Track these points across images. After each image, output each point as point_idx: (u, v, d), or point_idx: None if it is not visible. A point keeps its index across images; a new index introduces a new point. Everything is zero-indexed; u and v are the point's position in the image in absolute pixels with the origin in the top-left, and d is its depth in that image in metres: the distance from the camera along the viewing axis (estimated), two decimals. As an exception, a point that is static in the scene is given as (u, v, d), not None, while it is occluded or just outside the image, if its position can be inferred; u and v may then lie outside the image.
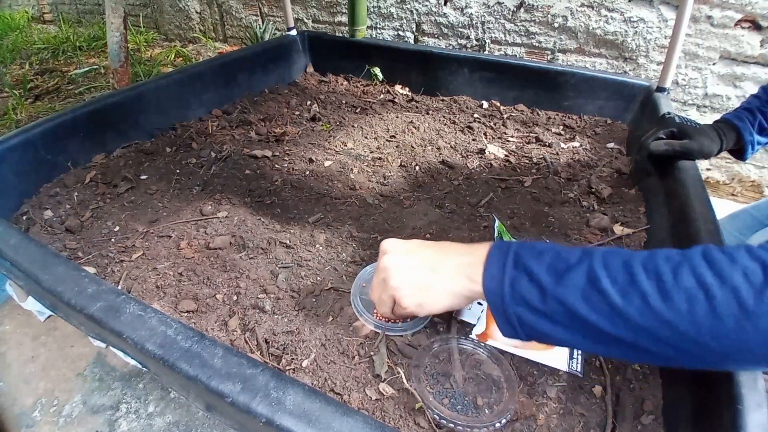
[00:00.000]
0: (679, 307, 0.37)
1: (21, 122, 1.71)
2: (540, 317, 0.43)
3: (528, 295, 0.43)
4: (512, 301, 0.44)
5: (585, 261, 0.42)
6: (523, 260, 0.45)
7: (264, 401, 0.42)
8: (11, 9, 3.65)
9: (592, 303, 0.40)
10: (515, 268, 0.45)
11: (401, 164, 1.08)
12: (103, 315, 0.52)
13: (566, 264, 0.43)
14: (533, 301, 0.43)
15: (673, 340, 0.38)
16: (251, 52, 1.45)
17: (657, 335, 0.38)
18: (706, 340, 0.36)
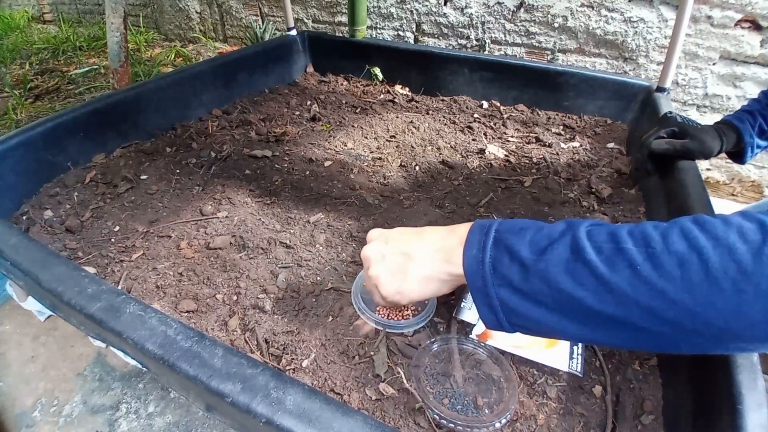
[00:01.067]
0: (670, 272, 0.34)
1: (21, 122, 1.71)
2: (523, 298, 0.40)
3: (509, 274, 0.40)
4: (494, 282, 0.41)
5: (568, 233, 0.39)
6: (504, 237, 0.42)
7: (264, 401, 0.42)
8: (11, 9, 3.65)
9: (576, 276, 0.37)
10: (496, 247, 0.42)
11: (401, 164, 1.08)
12: (103, 315, 0.52)
13: (549, 238, 0.40)
14: (515, 280, 0.40)
15: (668, 313, 0.34)
16: (251, 52, 1.45)
17: (649, 308, 0.34)
18: (703, 309, 0.33)
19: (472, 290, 0.43)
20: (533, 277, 0.39)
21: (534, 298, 0.39)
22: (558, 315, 0.39)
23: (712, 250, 0.33)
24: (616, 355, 0.62)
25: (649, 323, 0.35)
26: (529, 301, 0.40)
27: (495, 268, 0.41)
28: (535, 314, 0.40)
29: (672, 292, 0.34)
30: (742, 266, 0.32)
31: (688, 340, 0.35)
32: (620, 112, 1.27)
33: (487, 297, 0.42)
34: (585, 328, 0.38)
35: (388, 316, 0.65)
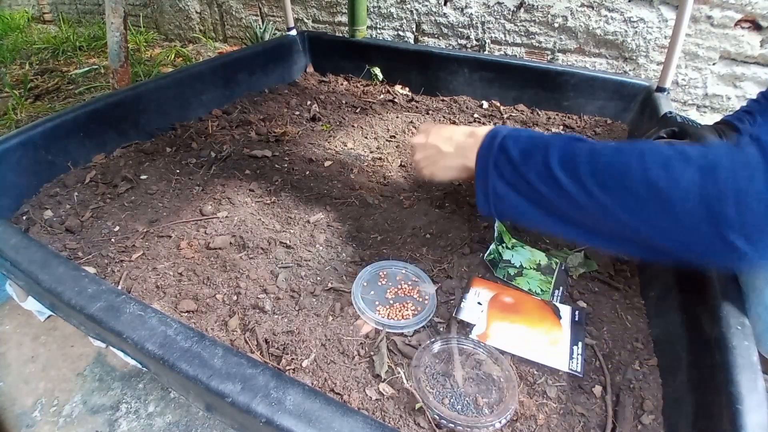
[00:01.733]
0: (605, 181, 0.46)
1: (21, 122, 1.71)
2: (509, 188, 0.54)
3: (503, 169, 0.55)
4: (493, 174, 0.56)
5: (548, 148, 0.52)
6: (506, 144, 0.56)
7: (264, 401, 0.42)
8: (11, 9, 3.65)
9: (544, 179, 0.51)
10: (500, 151, 0.56)
11: (401, 164, 1.08)
12: (103, 315, 0.52)
13: (534, 147, 0.53)
14: (506, 174, 0.54)
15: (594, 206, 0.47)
16: (251, 52, 1.45)
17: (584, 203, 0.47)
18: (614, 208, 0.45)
19: (477, 179, 0.59)
20: (517, 174, 0.53)
21: (515, 189, 0.54)
22: (527, 202, 0.54)
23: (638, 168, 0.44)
24: (616, 355, 0.62)
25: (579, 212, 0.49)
26: (513, 190, 0.54)
27: (496, 164, 0.56)
28: (514, 201, 0.54)
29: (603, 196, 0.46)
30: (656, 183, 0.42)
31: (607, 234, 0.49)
32: (620, 112, 1.27)
33: (485, 185, 0.57)
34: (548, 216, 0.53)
35: (388, 316, 0.65)
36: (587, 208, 0.48)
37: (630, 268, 0.77)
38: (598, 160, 0.47)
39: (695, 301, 0.58)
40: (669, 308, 0.64)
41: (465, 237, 0.82)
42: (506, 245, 0.81)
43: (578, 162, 0.48)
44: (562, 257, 0.79)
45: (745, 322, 0.52)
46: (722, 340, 0.49)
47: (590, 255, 0.79)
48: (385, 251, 0.79)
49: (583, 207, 0.48)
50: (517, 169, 0.53)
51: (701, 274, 0.59)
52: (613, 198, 0.46)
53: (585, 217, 0.50)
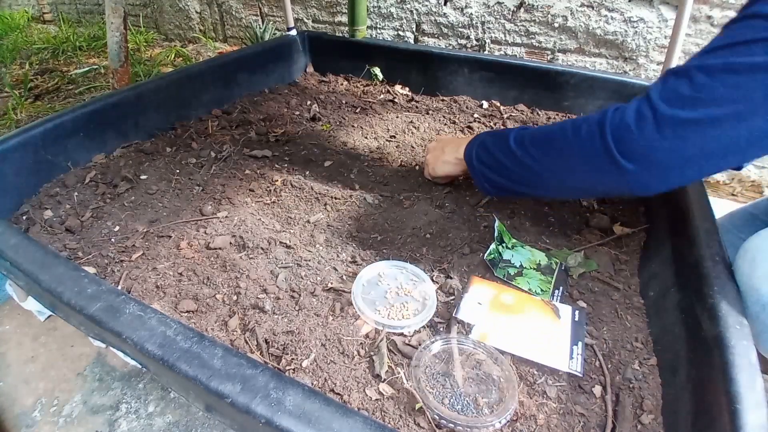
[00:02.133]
0: (540, 144, 0.67)
1: (21, 122, 1.71)
2: (487, 168, 0.76)
3: (483, 156, 0.77)
4: (477, 160, 0.78)
5: (508, 135, 0.72)
6: (484, 140, 0.78)
7: (264, 402, 0.42)
8: (11, 9, 3.65)
9: (504, 153, 0.72)
10: (481, 144, 0.78)
11: (401, 164, 1.08)
12: (102, 315, 0.52)
13: (500, 137, 0.74)
14: (484, 158, 0.76)
15: (536, 165, 0.67)
16: (251, 52, 1.45)
17: (529, 164, 0.68)
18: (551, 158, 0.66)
19: (469, 166, 0.81)
20: (490, 155, 0.75)
21: (491, 167, 0.75)
22: (499, 176, 0.74)
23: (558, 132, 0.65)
24: (615, 355, 0.62)
25: (529, 174, 0.69)
26: (490, 169, 0.75)
27: (478, 154, 0.78)
28: (494, 177, 0.75)
29: (537, 155, 0.67)
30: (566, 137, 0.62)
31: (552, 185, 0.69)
32: (620, 112, 1.27)
33: (474, 169, 0.79)
34: (510, 182, 0.72)
35: (388, 316, 0.65)
36: (533, 168, 0.67)
37: (629, 268, 0.77)
38: (536, 132, 0.68)
39: (694, 301, 0.58)
40: (668, 308, 0.64)
41: (465, 237, 0.82)
42: (506, 245, 0.81)
43: (524, 137, 0.69)
44: (562, 257, 0.79)
45: (744, 322, 0.52)
46: (721, 340, 0.49)
47: (590, 255, 0.79)
48: (385, 251, 0.79)
49: (530, 167, 0.67)
50: (490, 153, 0.75)
51: (700, 274, 0.60)
52: (546, 155, 0.65)
53: (536, 176, 0.68)
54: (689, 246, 0.66)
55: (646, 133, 0.52)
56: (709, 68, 0.50)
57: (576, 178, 0.63)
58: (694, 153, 0.51)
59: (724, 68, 0.48)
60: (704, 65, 0.50)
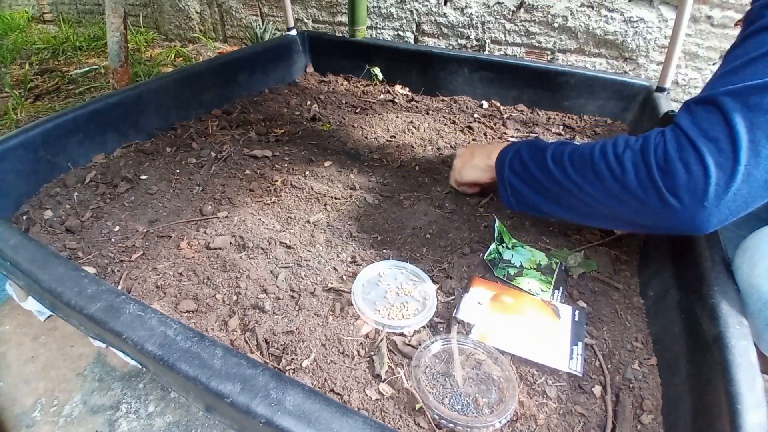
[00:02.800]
0: (579, 168, 0.62)
1: (21, 122, 1.71)
2: (519, 180, 0.71)
3: (516, 166, 0.72)
4: (508, 170, 0.73)
5: (546, 149, 0.68)
6: (520, 149, 0.73)
7: (264, 402, 0.42)
8: (11, 9, 3.65)
9: (543, 170, 0.67)
10: (515, 152, 0.73)
11: (401, 164, 1.08)
12: (102, 315, 0.52)
13: (537, 149, 0.69)
14: (517, 169, 0.72)
15: (574, 189, 0.62)
16: (251, 52, 1.45)
17: (567, 187, 0.63)
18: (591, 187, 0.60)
19: (498, 175, 0.77)
20: (525, 169, 0.70)
21: (523, 180, 0.71)
22: (532, 191, 0.70)
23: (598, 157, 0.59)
24: (615, 355, 0.62)
25: (566, 195, 0.64)
26: (522, 181, 0.71)
27: (511, 163, 0.73)
28: (522, 189, 0.71)
29: (576, 178, 0.62)
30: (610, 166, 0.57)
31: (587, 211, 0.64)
32: (620, 112, 1.27)
33: (503, 179, 0.74)
34: (545, 200, 0.68)
35: (388, 316, 0.65)
36: (570, 189, 0.63)
37: (629, 268, 0.77)
38: (574, 152, 0.63)
39: (694, 300, 0.58)
40: (668, 307, 0.64)
41: (465, 237, 0.82)
42: (506, 245, 0.81)
43: (563, 156, 0.64)
44: (562, 257, 0.79)
45: (744, 321, 0.52)
46: (721, 339, 0.49)
47: (590, 255, 0.79)
48: (385, 251, 0.79)
49: (567, 188, 0.63)
50: (525, 166, 0.70)
51: (700, 274, 0.60)
52: (583, 179, 0.61)
53: (570, 198, 0.64)
54: (689, 245, 0.66)
55: (694, 175, 0.48)
56: (739, 93, 0.47)
57: (616, 208, 0.58)
58: (749, 193, 0.48)
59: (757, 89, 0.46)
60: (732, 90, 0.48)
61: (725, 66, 0.52)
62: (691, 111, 0.52)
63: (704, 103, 0.51)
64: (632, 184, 0.54)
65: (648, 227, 0.59)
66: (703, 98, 0.51)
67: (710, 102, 0.50)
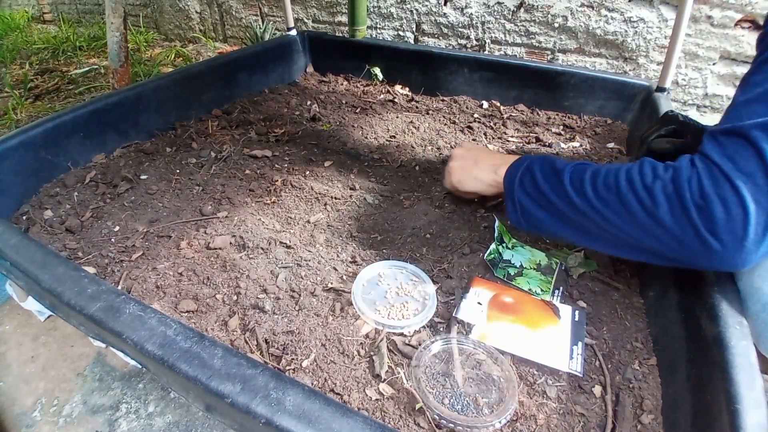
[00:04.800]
0: (601, 195, 0.57)
1: (21, 122, 1.71)
2: (531, 201, 0.66)
3: (528, 186, 0.66)
4: (519, 189, 0.67)
5: (563, 171, 0.62)
6: (531, 167, 0.67)
7: (264, 402, 0.42)
8: (11, 9, 3.65)
9: (558, 194, 0.62)
10: (525, 172, 0.68)
11: (401, 164, 1.08)
12: (102, 315, 0.52)
13: (552, 171, 0.64)
14: (529, 190, 0.66)
15: (597, 219, 0.57)
16: (251, 52, 1.45)
17: (589, 215, 0.58)
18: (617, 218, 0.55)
19: (506, 193, 0.71)
20: (539, 191, 0.64)
21: (538, 203, 0.65)
22: (548, 214, 0.64)
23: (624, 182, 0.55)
24: (615, 355, 0.62)
25: (589, 223, 0.59)
26: (535, 203, 0.65)
27: (522, 182, 0.68)
28: (537, 214, 0.65)
29: (600, 207, 0.56)
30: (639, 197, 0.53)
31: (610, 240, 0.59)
32: (620, 112, 1.27)
33: (513, 197, 0.68)
34: (561, 224, 0.63)
35: (388, 316, 0.65)
36: (592, 218, 0.58)
37: (629, 268, 0.77)
38: (597, 178, 0.58)
39: (694, 301, 0.58)
40: (668, 308, 0.64)
41: (465, 237, 0.82)
42: (506, 245, 0.81)
43: (583, 180, 0.59)
44: (562, 257, 0.79)
45: (743, 321, 0.52)
46: (721, 339, 0.49)
47: (590, 255, 0.79)
48: (385, 251, 0.79)
49: (589, 217, 0.58)
50: (538, 187, 0.65)
51: (699, 274, 0.60)
52: (608, 208, 0.56)
53: (591, 226, 0.59)
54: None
55: (733, 214, 0.46)
56: None
57: (645, 240, 0.54)
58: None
59: None
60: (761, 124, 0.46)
61: (745, 92, 0.50)
62: (720, 143, 0.49)
63: (733, 135, 0.49)
64: (666, 220, 0.50)
65: (679, 261, 0.54)
66: (731, 130, 0.49)
67: (739, 134, 0.48)
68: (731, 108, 0.52)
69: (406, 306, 0.67)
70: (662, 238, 0.52)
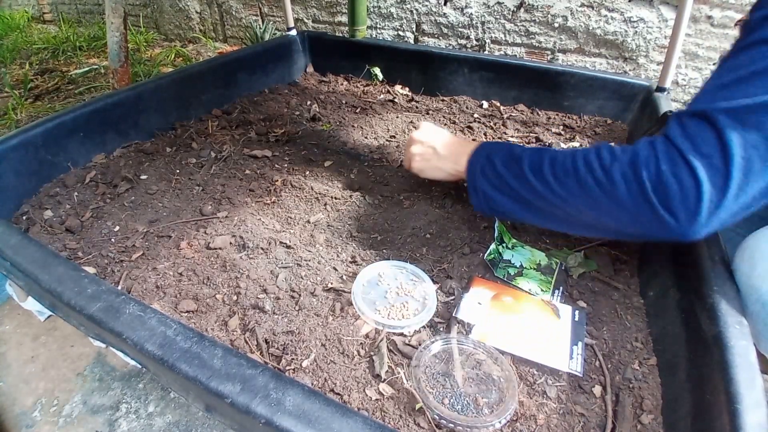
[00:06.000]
0: (560, 177, 0.60)
1: (21, 122, 1.71)
2: (495, 190, 0.69)
3: (489, 173, 0.70)
4: (480, 177, 0.71)
5: (521, 158, 0.65)
6: (491, 156, 0.71)
7: (264, 402, 0.42)
8: (11, 9, 3.65)
9: (518, 178, 0.65)
10: (486, 159, 0.71)
11: (401, 164, 1.08)
12: (102, 315, 0.52)
13: (512, 158, 0.67)
14: (490, 177, 0.69)
15: (557, 201, 0.61)
16: (251, 52, 1.45)
17: (549, 199, 0.61)
18: (572, 199, 0.59)
19: (468, 182, 0.74)
20: (500, 179, 0.68)
21: (499, 190, 0.68)
22: (507, 198, 0.68)
23: (583, 169, 0.57)
24: (615, 355, 0.62)
25: (548, 206, 0.63)
26: (498, 191, 0.69)
27: (483, 171, 0.71)
28: (500, 200, 0.69)
29: (560, 191, 0.60)
30: (597, 179, 0.56)
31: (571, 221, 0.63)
32: (620, 112, 1.27)
33: (475, 187, 0.72)
34: (523, 208, 0.67)
35: (388, 316, 0.65)
36: (552, 201, 0.61)
37: (629, 268, 0.77)
38: (555, 163, 0.61)
39: (694, 301, 0.58)
40: (668, 308, 0.64)
41: (465, 237, 0.82)
42: (506, 245, 0.81)
43: (542, 166, 0.62)
44: (562, 257, 0.79)
45: (743, 321, 0.52)
46: (721, 339, 0.49)
47: (590, 255, 0.79)
48: (385, 251, 0.79)
49: (549, 200, 0.62)
50: (499, 175, 0.68)
51: (700, 274, 0.60)
52: (567, 191, 0.59)
53: (552, 208, 0.63)
54: (689, 246, 0.66)
55: (687, 192, 0.48)
56: (736, 111, 0.47)
57: (603, 219, 0.58)
58: (740, 207, 0.48)
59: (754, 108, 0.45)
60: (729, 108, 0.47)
61: (719, 77, 0.51)
62: (683, 124, 0.51)
63: (698, 117, 0.50)
64: (623, 199, 0.53)
65: (635, 236, 0.58)
66: (697, 112, 0.50)
67: (704, 117, 0.49)
68: (701, 91, 0.53)
69: (406, 306, 0.67)
70: (620, 216, 0.55)
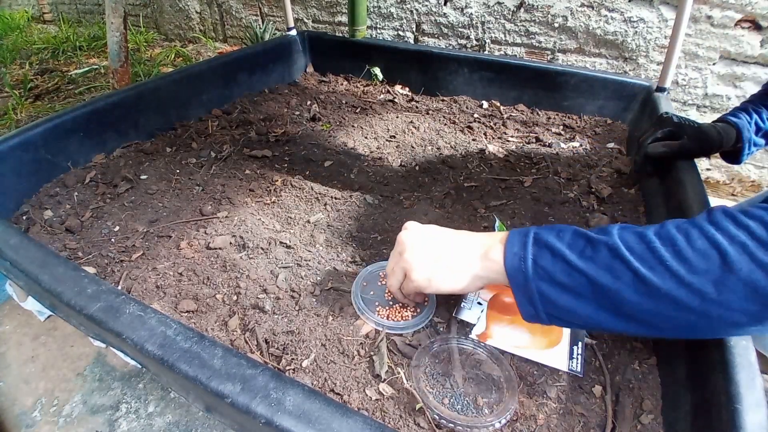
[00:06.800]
0: (696, 266, 0.39)
1: (21, 122, 1.71)
2: (562, 291, 0.45)
3: (552, 269, 0.45)
4: (535, 277, 0.45)
5: (603, 236, 0.44)
6: (544, 238, 0.46)
7: (264, 402, 0.42)
8: (11, 9, 3.65)
9: (614, 272, 0.42)
10: (536, 245, 0.46)
11: (401, 164, 1.08)
12: (102, 315, 0.52)
13: (586, 240, 0.45)
14: (557, 274, 0.44)
15: (693, 302, 0.39)
16: (251, 52, 1.45)
17: (677, 299, 0.40)
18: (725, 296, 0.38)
19: (514, 285, 0.48)
20: (575, 272, 0.44)
21: (574, 291, 0.44)
22: (594, 305, 0.44)
23: (728, 246, 0.38)
24: (615, 355, 0.62)
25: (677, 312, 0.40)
26: (569, 293, 0.44)
27: (536, 263, 0.46)
28: (572, 305, 0.44)
29: (698, 282, 0.39)
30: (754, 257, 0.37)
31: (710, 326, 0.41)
32: (620, 112, 1.27)
33: (527, 291, 0.46)
34: (617, 318, 0.43)
35: (388, 317, 0.65)
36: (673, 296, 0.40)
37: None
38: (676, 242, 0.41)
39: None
40: (669, 308, 0.64)
41: (465, 237, 0.82)
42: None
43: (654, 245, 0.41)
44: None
45: (745, 322, 0.52)
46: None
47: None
48: (385, 251, 0.79)
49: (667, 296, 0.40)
50: (571, 267, 0.44)
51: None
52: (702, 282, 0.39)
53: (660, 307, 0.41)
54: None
55: None
56: None
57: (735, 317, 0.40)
58: None
59: None
60: None
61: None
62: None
63: None
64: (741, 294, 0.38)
65: None
66: None
67: None
68: None
69: (406, 306, 0.67)
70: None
